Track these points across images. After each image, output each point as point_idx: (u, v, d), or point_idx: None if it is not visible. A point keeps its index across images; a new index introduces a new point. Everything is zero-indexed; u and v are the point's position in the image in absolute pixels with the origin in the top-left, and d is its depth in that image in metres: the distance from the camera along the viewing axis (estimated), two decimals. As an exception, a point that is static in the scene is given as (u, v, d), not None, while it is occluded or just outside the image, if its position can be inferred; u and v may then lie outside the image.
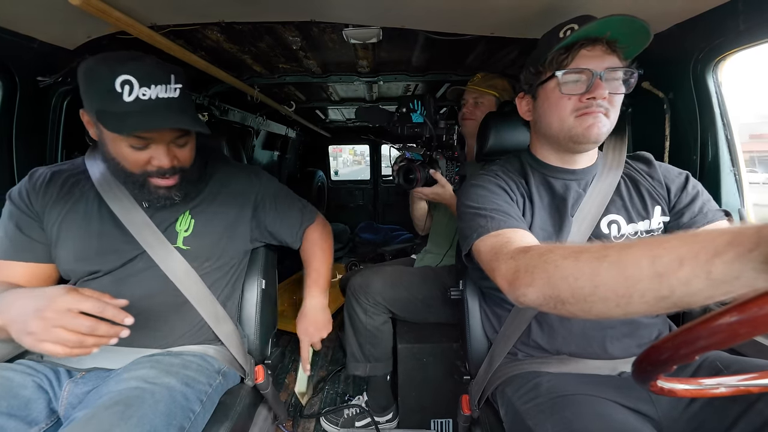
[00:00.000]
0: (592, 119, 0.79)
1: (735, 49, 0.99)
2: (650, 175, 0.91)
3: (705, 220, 0.83)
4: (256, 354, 1.12)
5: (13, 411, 0.74)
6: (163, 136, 0.83)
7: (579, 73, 0.78)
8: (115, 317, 0.66)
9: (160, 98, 0.78)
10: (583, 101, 0.79)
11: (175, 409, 0.75)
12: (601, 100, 0.77)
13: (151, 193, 0.88)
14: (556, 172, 0.91)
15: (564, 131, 0.83)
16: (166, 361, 0.86)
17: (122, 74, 0.75)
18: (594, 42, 0.78)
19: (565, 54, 0.79)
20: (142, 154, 0.83)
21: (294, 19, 1.24)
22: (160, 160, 0.84)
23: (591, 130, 0.79)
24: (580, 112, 0.79)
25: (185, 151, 0.89)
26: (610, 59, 0.78)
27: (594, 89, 0.77)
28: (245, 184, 1.06)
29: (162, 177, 0.86)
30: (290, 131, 3.74)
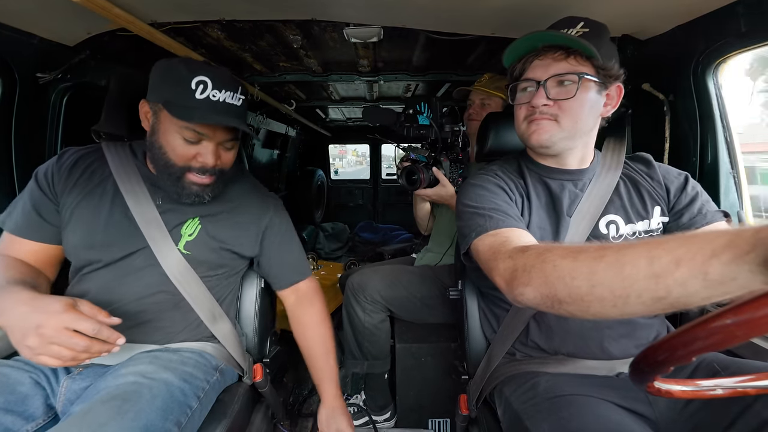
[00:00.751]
0: (535, 126, 0.84)
1: (736, 51, 0.99)
2: (650, 176, 0.91)
3: (704, 220, 0.83)
4: (255, 352, 1.12)
5: (10, 407, 0.74)
6: (216, 135, 0.88)
7: (527, 82, 0.84)
8: (109, 338, 0.69)
9: (227, 102, 0.86)
10: (528, 109, 0.84)
11: (172, 405, 0.75)
12: (542, 107, 0.81)
13: (184, 188, 0.90)
14: (551, 172, 0.91)
15: (520, 137, 0.90)
16: (164, 357, 0.86)
17: (200, 75, 0.84)
18: (545, 50, 0.81)
19: (518, 65, 0.86)
20: (191, 148, 0.87)
21: (295, 17, 1.24)
22: (206, 158, 0.88)
23: (533, 136, 0.84)
24: (527, 119, 0.85)
25: (229, 154, 0.94)
26: (559, 66, 0.80)
27: (533, 98, 0.82)
28: (260, 209, 1.05)
29: (201, 174, 0.89)
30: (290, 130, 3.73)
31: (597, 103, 0.83)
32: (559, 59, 0.80)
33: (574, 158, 0.90)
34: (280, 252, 1.08)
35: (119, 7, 1.00)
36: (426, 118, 1.38)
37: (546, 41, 0.81)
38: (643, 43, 1.20)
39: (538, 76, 0.82)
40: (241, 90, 0.90)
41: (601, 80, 0.81)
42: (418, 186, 1.36)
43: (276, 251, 1.07)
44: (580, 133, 0.84)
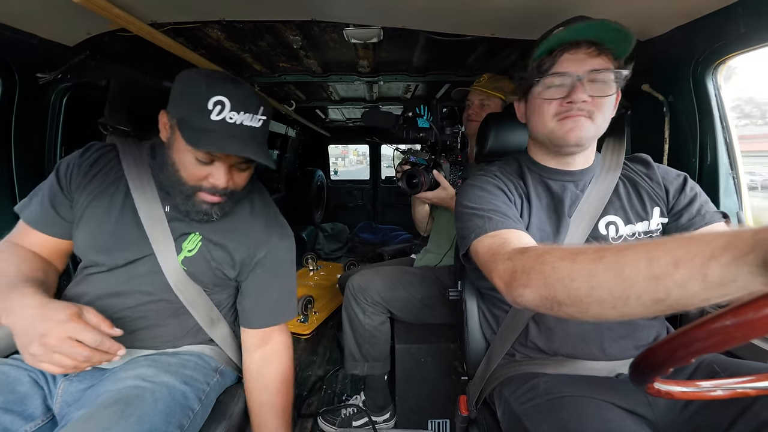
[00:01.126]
0: (572, 123, 0.79)
1: (735, 52, 0.99)
2: (649, 177, 0.91)
3: (703, 221, 0.83)
4: (254, 353, 1.12)
5: (9, 406, 0.74)
6: (229, 158, 0.85)
7: (560, 76, 0.79)
8: (110, 350, 0.70)
9: (244, 125, 0.81)
10: (563, 105, 0.79)
11: (174, 408, 0.75)
12: (581, 104, 0.78)
13: (195, 206, 0.88)
14: (552, 173, 0.91)
15: (546, 135, 0.84)
16: (163, 360, 0.86)
17: (218, 95, 0.78)
18: (577, 45, 0.78)
19: (547, 59, 0.80)
20: (203, 169, 0.84)
21: (295, 18, 1.24)
22: (218, 180, 0.85)
23: (570, 134, 0.80)
24: (561, 116, 0.80)
25: (243, 175, 0.91)
26: (595, 61, 0.78)
27: (573, 93, 0.78)
28: (260, 239, 0.98)
29: (211, 194, 0.87)
30: (290, 130, 3.74)
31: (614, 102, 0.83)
32: (593, 55, 0.78)
33: (582, 158, 0.89)
34: (261, 288, 0.98)
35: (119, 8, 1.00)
36: (426, 121, 1.38)
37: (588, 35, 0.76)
38: (642, 44, 1.20)
39: (573, 70, 0.77)
40: (263, 110, 0.85)
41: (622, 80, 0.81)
42: (419, 189, 1.36)
43: (257, 285, 0.98)
44: (602, 131, 0.83)
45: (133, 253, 0.90)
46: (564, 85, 0.79)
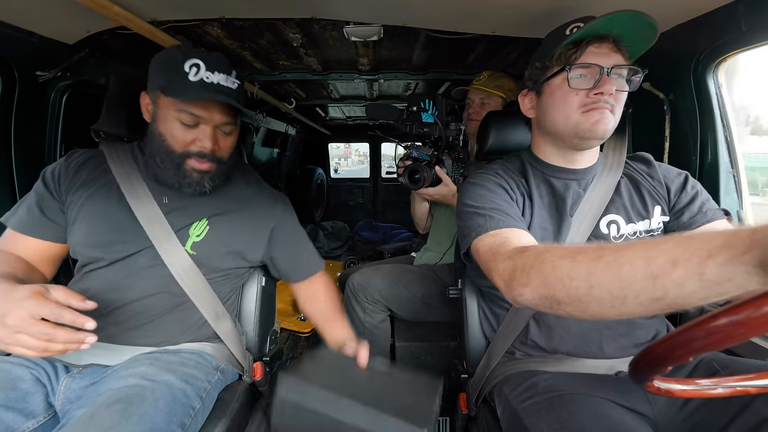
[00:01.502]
0: (599, 115, 0.78)
1: (736, 50, 0.99)
2: (650, 175, 0.91)
3: (704, 219, 0.83)
4: (255, 351, 1.13)
5: (11, 403, 0.74)
6: (212, 118, 0.88)
7: (587, 68, 0.78)
8: (73, 322, 0.65)
9: (221, 84, 0.86)
10: (590, 96, 0.78)
11: (175, 407, 0.75)
12: (608, 96, 0.77)
13: (185, 176, 0.90)
14: (556, 171, 0.91)
15: (570, 127, 0.82)
16: (164, 359, 0.86)
17: (192, 58, 0.85)
18: (601, 39, 0.78)
19: (573, 49, 0.79)
20: (189, 133, 0.88)
21: (295, 16, 1.23)
22: (204, 142, 0.89)
23: (598, 125, 0.79)
24: (587, 107, 0.79)
25: (228, 140, 0.94)
26: (617, 57, 0.78)
27: (602, 84, 0.77)
28: (268, 209, 1.06)
29: (200, 159, 0.89)
30: (290, 128, 3.73)
31: None
32: (614, 50, 0.78)
33: (588, 156, 0.89)
34: (290, 249, 1.09)
35: (119, 5, 0.99)
36: (430, 116, 1.36)
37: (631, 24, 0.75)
38: (643, 42, 1.20)
39: (601, 62, 0.77)
40: (236, 74, 0.90)
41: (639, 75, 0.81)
42: (421, 185, 1.35)
43: (287, 249, 1.09)
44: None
45: (134, 245, 0.90)
46: (591, 77, 0.78)
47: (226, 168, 0.95)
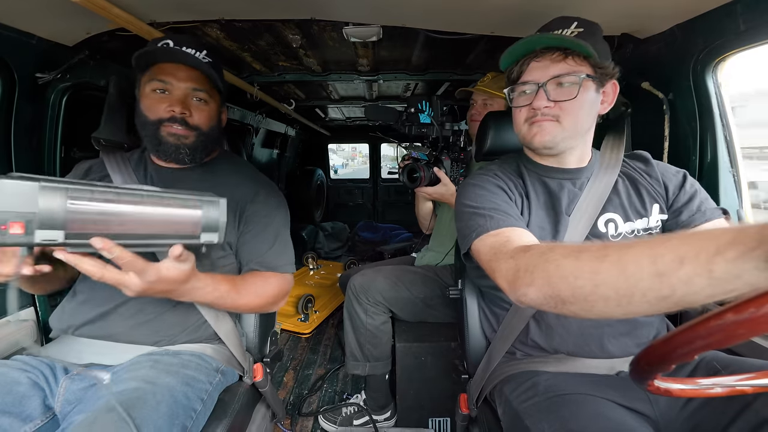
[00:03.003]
0: (537, 128, 0.84)
1: (735, 50, 0.99)
2: (648, 174, 0.91)
3: (703, 218, 0.83)
4: (255, 352, 1.12)
5: (7, 407, 0.74)
6: (179, 83, 0.94)
7: (524, 85, 0.84)
8: None
9: (186, 51, 0.93)
10: (530, 111, 0.84)
11: (177, 409, 0.75)
12: (544, 109, 0.81)
13: (161, 142, 0.94)
14: (549, 171, 0.91)
15: (522, 138, 0.89)
16: (164, 361, 0.86)
17: (164, 40, 0.94)
18: (542, 52, 0.81)
19: (515, 67, 0.85)
20: (161, 100, 0.93)
21: (294, 17, 1.23)
22: (173, 106, 0.93)
23: (536, 138, 0.84)
24: (529, 121, 0.85)
25: (203, 109, 0.98)
26: (558, 67, 0.80)
27: (534, 100, 0.82)
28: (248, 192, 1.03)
29: (172, 124, 0.93)
30: (290, 129, 3.73)
31: (595, 101, 0.83)
32: (557, 60, 0.80)
33: (573, 157, 0.90)
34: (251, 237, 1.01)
35: (118, 7, 0.99)
36: (427, 117, 1.38)
37: (543, 44, 0.80)
38: (642, 42, 1.20)
39: (536, 78, 0.81)
40: (207, 53, 0.96)
41: (599, 79, 0.81)
42: (419, 184, 1.37)
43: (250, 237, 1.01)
44: (580, 132, 0.85)
45: None
46: (530, 92, 0.83)
47: (206, 138, 0.99)
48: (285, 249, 1.05)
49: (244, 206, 1.02)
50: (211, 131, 1.00)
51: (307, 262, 3.38)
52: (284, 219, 1.08)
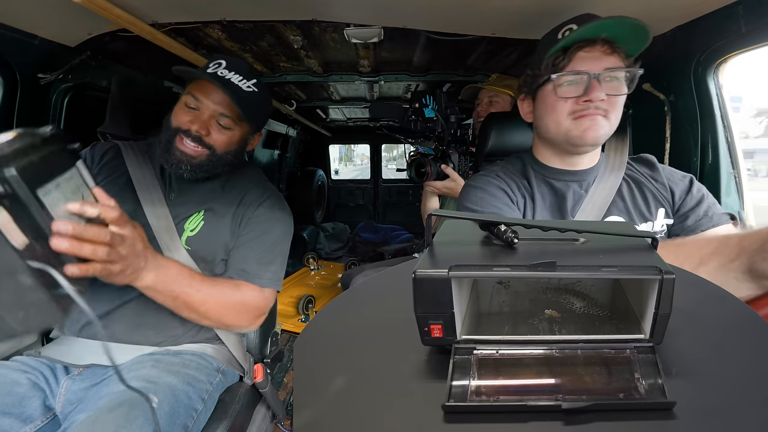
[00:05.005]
0: (589, 122, 0.78)
1: (736, 51, 0.99)
2: (654, 178, 0.90)
3: (710, 223, 0.82)
4: (255, 352, 1.12)
5: (7, 408, 0.74)
6: (209, 105, 0.93)
7: (575, 75, 0.77)
8: None
9: (231, 81, 0.91)
10: (579, 104, 0.78)
11: (178, 409, 0.76)
12: (598, 102, 0.77)
13: (171, 154, 0.93)
14: (557, 173, 0.90)
15: (561, 134, 0.82)
16: (165, 361, 0.86)
17: (221, 59, 0.94)
18: (592, 43, 0.76)
19: (562, 56, 0.78)
20: (188, 114, 0.93)
21: (295, 18, 1.24)
22: (195, 123, 0.92)
23: (588, 132, 0.78)
24: (576, 114, 0.79)
25: (224, 134, 0.96)
26: (609, 60, 0.77)
27: (590, 91, 0.76)
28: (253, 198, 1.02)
29: (186, 138, 0.92)
30: (291, 130, 3.73)
31: None
32: (607, 53, 0.77)
33: (588, 158, 0.88)
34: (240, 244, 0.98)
35: (120, 8, 1.00)
36: (431, 111, 1.39)
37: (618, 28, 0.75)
38: (643, 44, 1.20)
39: (590, 68, 0.76)
40: (256, 83, 0.94)
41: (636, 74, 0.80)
42: (426, 178, 1.38)
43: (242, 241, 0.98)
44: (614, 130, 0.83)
45: None
46: (580, 83, 0.77)
47: (217, 160, 0.96)
48: (274, 262, 0.99)
49: (246, 211, 1.01)
50: (225, 154, 0.96)
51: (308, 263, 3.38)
52: (284, 233, 1.03)
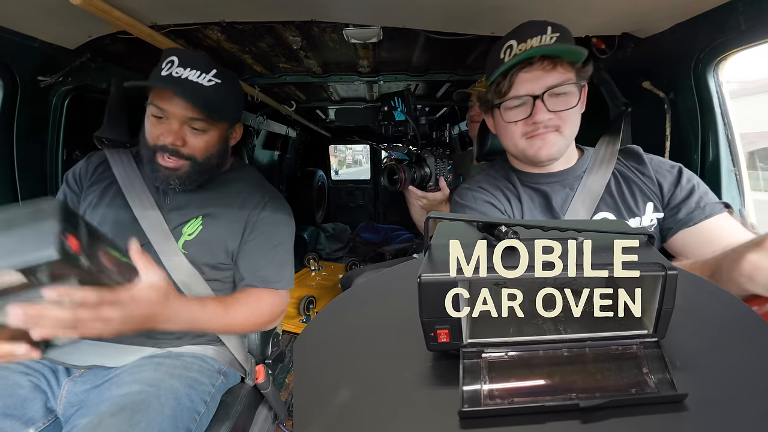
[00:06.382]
0: (540, 141, 0.80)
1: (736, 48, 0.99)
2: (641, 172, 0.89)
3: (703, 215, 0.80)
4: (257, 353, 1.12)
5: (8, 411, 0.74)
6: (175, 112, 0.87)
7: (517, 99, 0.79)
8: None
9: (188, 80, 0.85)
10: (528, 125, 0.80)
11: (181, 412, 0.76)
12: (546, 121, 0.78)
13: (156, 171, 0.92)
14: (536, 177, 0.90)
15: (519, 153, 0.85)
16: (167, 363, 0.86)
17: (172, 55, 0.87)
18: (530, 63, 0.77)
19: (503, 80, 0.79)
20: (159, 126, 0.89)
21: (294, 18, 1.24)
22: (166, 136, 0.88)
23: (541, 151, 0.81)
24: (528, 135, 0.81)
25: (200, 138, 0.91)
26: (551, 76, 0.77)
27: (535, 114, 0.78)
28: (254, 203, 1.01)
29: (164, 155, 0.89)
30: (290, 131, 3.73)
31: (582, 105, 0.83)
32: (548, 69, 0.77)
33: (560, 161, 0.89)
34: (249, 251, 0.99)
35: (119, 10, 1.00)
36: (401, 113, 1.31)
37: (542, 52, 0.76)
38: (643, 41, 1.20)
39: (530, 90, 0.77)
40: (217, 73, 0.88)
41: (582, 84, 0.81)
42: (399, 185, 1.28)
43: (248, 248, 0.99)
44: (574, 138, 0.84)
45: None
46: (525, 104, 0.79)
47: (202, 168, 0.93)
48: (285, 264, 1.02)
49: (249, 216, 1.00)
50: (207, 160, 0.93)
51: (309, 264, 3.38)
52: (289, 233, 1.05)
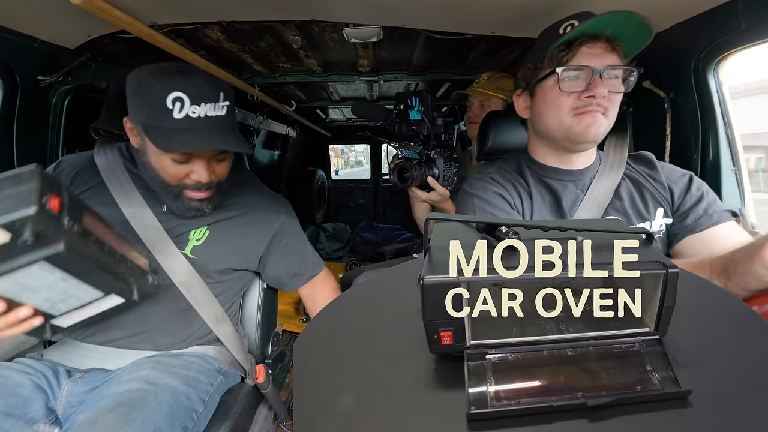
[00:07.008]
0: (591, 118, 0.77)
1: (737, 48, 0.99)
2: (652, 177, 0.89)
3: (710, 222, 0.81)
4: (257, 353, 1.13)
5: (10, 410, 0.74)
6: (205, 153, 0.85)
7: (579, 70, 0.76)
8: None
9: (208, 116, 0.80)
10: (581, 99, 0.77)
11: (178, 410, 0.75)
12: (600, 99, 0.76)
13: (184, 205, 0.89)
14: (553, 172, 0.89)
15: (562, 130, 0.81)
16: (166, 362, 0.86)
17: (174, 91, 0.77)
18: (595, 39, 0.76)
19: (565, 50, 0.77)
20: (183, 168, 0.85)
21: (294, 18, 1.24)
22: (200, 175, 0.85)
23: (589, 129, 0.78)
24: (578, 110, 0.78)
25: (223, 165, 0.92)
26: (611, 57, 0.76)
27: (593, 87, 0.75)
28: (272, 214, 1.05)
29: (197, 190, 0.88)
30: (290, 130, 3.73)
31: None
32: (609, 50, 0.76)
33: (583, 157, 0.88)
34: (292, 254, 1.08)
35: (119, 10, 0.99)
36: (417, 113, 1.32)
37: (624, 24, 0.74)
38: (643, 41, 1.20)
39: (593, 64, 0.75)
40: (224, 96, 0.83)
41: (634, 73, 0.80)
42: (409, 183, 1.30)
43: (287, 254, 1.07)
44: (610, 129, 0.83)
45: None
46: (582, 79, 0.77)
47: (224, 185, 0.94)
48: (310, 250, 1.14)
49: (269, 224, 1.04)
50: (229, 176, 0.94)
51: (309, 263, 3.38)
52: (298, 224, 1.13)
